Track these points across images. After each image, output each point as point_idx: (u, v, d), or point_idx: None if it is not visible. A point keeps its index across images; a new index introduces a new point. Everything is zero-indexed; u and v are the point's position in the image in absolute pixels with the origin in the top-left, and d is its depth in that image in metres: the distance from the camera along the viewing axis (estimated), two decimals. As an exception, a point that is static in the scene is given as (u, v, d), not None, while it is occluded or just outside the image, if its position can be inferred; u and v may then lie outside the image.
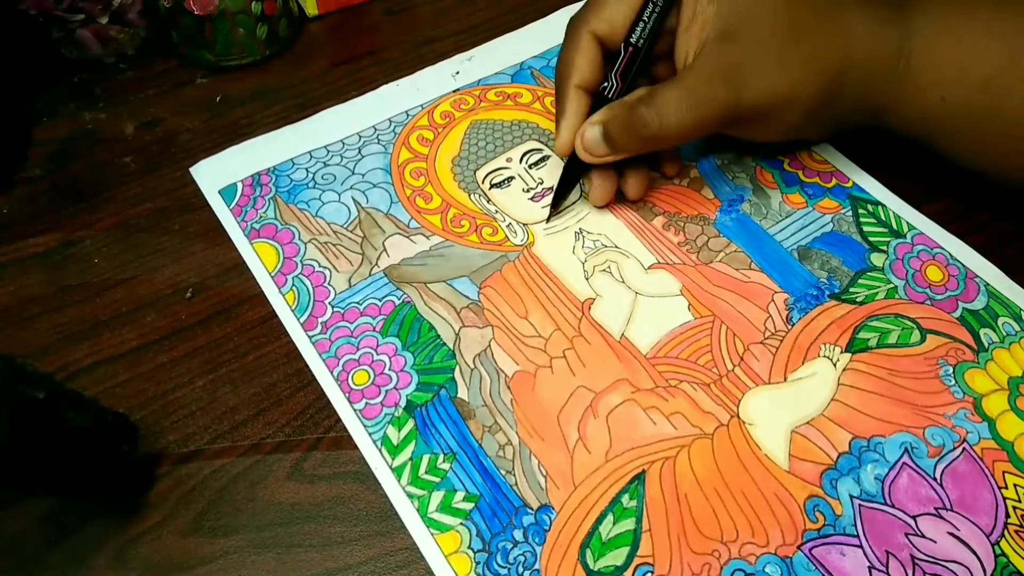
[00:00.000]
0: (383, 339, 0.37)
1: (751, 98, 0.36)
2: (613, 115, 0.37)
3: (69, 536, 0.32)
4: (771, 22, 0.36)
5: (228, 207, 0.42)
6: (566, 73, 0.39)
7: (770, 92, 0.36)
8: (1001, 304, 0.38)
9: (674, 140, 0.38)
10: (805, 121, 0.38)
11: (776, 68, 0.36)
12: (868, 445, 0.33)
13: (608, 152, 0.38)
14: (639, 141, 0.37)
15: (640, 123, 0.37)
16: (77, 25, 0.46)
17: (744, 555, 0.31)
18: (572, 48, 0.39)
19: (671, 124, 0.36)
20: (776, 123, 0.38)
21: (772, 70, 0.36)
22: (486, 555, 0.31)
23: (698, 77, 0.36)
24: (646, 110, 0.36)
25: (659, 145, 0.38)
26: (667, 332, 0.37)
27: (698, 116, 0.36)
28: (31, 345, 0.37)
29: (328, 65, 0.50)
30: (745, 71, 0.36)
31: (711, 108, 0.36)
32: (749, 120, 0.38)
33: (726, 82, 0.36)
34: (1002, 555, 0.31)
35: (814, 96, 0.37)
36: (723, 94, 0.36)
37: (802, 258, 0.39)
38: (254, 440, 0.34)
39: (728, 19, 0.36)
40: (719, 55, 0.36)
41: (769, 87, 0.36)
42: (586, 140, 0.38)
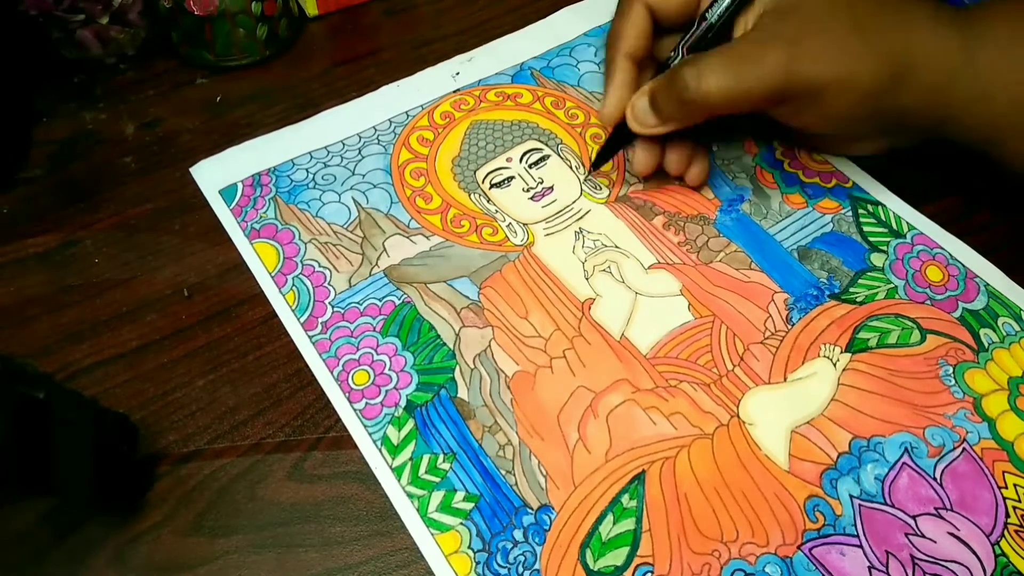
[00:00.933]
0: (383, 339, 0.37)
1: (804, 71, 0.34)
2: (659, 82, 0.37)
3: (69, 536, 0.32)
4: (829, 6, 0.35)
5: (228, 207, 0.42)
6: (614, 41, 0.39)
7: (825, 69, 0.34)
8: (1001, 304, 0.38)
9: (717, 106, 0.36)
10: (859, 111, 0.36)
11: (833, 47, 0.34)
12: (868, 445, 0.33)
13: (657, 122, 0.37)
14: (681, 106, 0.36)
15: (681, 85, 0.35)
16: (77, 25, 0.46)
17: (744, 555, 0.31)
18: (623, 17, 0.39)
19: (711, 87, 0.35)
20: (829, 106, 0.35)
21: (828, 48, 0.34)
22: (486, 555, 0.31)
23: (750, 44, 0.35)
24: (688, 72, 0.35)
25: (705, 112, 0.36)
26: (667, 332, 0.37)
27: (742, 82, 0.35)
28: (31, 345, 0.37)
29: (328, 65, 0.50)
30: (802, 43, 0.34)
31: (759, 74, 0.35)
32: (799, 98, 0.35)
33: (777, 51, 0.34)
34: (1002, 555, 0.31)
35: (871, 82, 0.35)
36: (772, 61, 0.34)
37: (802, 258, 0.39)
38: (254, 440, 0.34)
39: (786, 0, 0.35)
40: (773, 27, 0.35)
41: (824, 63, 0.34)
42: (636, 109, 0.38)
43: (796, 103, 0.36)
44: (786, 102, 0.36)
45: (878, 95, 0.35)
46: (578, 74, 0.48)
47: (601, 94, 0.47)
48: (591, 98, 0.47)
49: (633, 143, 0.41)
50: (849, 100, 0.35)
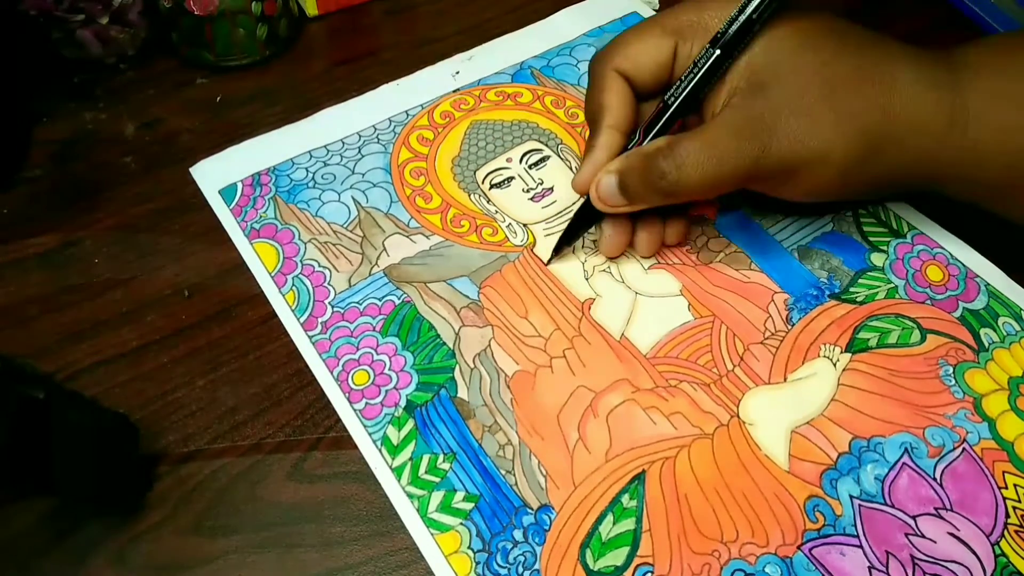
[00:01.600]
0: (383, 339, 0.37)
1: (778, 154, 0.34)
2: (630, 164, 0.35)
3: (69, 536, 0.32)
4: (805, 77, 0.34)
5: (228, 207, 0.42)
6: (597, 113, 0.37)
7: (799, 149, 0.34)
8: (1001, 304, 0.38)
9: (693, 194, 0.35)
10: (837, 182, 0.35)
11: (806, 125, 0.33)
12: (868, 445, 0.33)
13: (623, 202, 0.36)
14: (656, 193, 0.35)
15: (658, 174, 0.34)
16: (77, 25, 0.46)
17: (744, 555, 0.31)
18: (599, 88, 0.37)
19: (691, 178, 0.34)
20: (805, 182, 0.35)
21: (801, 126, 0.33)
22: (486, 555, 0.31)
23: (722, 130, 0.34)
24: (665, 162, 0.34)
25: (677, 199, 0.36)
26: (667, 332, 0.37)
27: (720, 171, 0.34)
28: (31, 345, 0.37)
29: (328, 65, 0.50)
30: (772, 126, 0.34)
31: (734, 163, 0.34)
32: (774, 177, 0.35)
33: (752, 136, 0.34)
34: (1002, 555, 0.31)
35: (845, 157, 0.34)
36: (747, 149, 0.34)
37: (802, 258, 0.39)
38: (254, 440, 0.34)
39: (759, 72, 0.34)
40: (746, 108, 0.34)
41: (798, 144, 0.33)
42: (601, 188, 0.36)
43: (772, 181, 0.35)
44: (762, 182, 0.35)
45: (854, 167, 0.34)
46: (578, 73, 0.48)
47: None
48: (591, 98, 0.47)
49: (600, 222, 0.38)
50: (824, 176, 0.34)
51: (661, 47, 0.37)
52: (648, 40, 0.37)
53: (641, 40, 0.37)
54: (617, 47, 0.37)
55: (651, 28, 0.37)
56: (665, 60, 0.37)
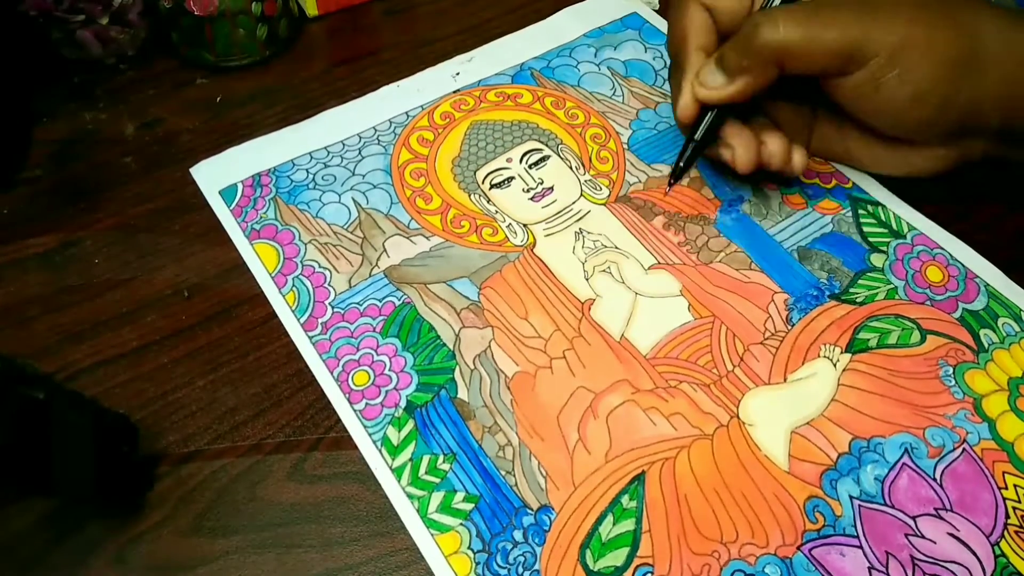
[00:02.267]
0: (383, 340, 0.37)
1: (882, 29, 0.34)
2: (728, 42, 0.36)
3: (69, 536, 0.32)
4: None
5: (228, 207, 0.42)
6: (683, 40, 0.38)
7: (903, 31, 0.34)
8: (1001, 304, 0.38)
9: (789, 55, 0.34)
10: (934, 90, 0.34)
11: (912, 14, 0.34)
12: (868, 445, 0.33)
13: (723, 81, 0.36)
14: (755, 57, 0.35)
15: (754, 31, 0.34)
16: (77, 26, 0.46)
17: (744, 556, 0.31)
18: (684, 17, 0.38)
19: (786, 34, 0.34)
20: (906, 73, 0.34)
21: (908, 16, 0.34)
22: (486, 555, 0.31)
23: (822, 3, 0.34)
24: (762, 18, 0.34)
25: (773, 62, 0.35)
26: (667, 332, 0.37)
27: (818, 32, 0.34)
28: (31, 345, 0.37)
29: (328, 65, 0.50)
30: (879, 8, 0.34)
31: (835, 27, 0.34)
32: (874, 59, 0.34)
33: (854, 10, 0.34)
34: (1002, 555, 0.31)
35: (949, 48, 0.34)
36: (850, 16, 0.34)
37: (802, 258, 0.39)
38: (254, 440, 0.34)
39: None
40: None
41: (903, 27, 0.34)
42: (701, 76, 0.36)
43: (870, 68, 0.34)
44: (860, 64, 0.35)
45: (952, 73, 0.34)
46: (578, 74, 0.48)
47: (601, 94, 0.47)
48: (591, 98, 0.47)
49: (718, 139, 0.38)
50: (929, 65, 0.34)
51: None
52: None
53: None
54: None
55: None
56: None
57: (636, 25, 0.51)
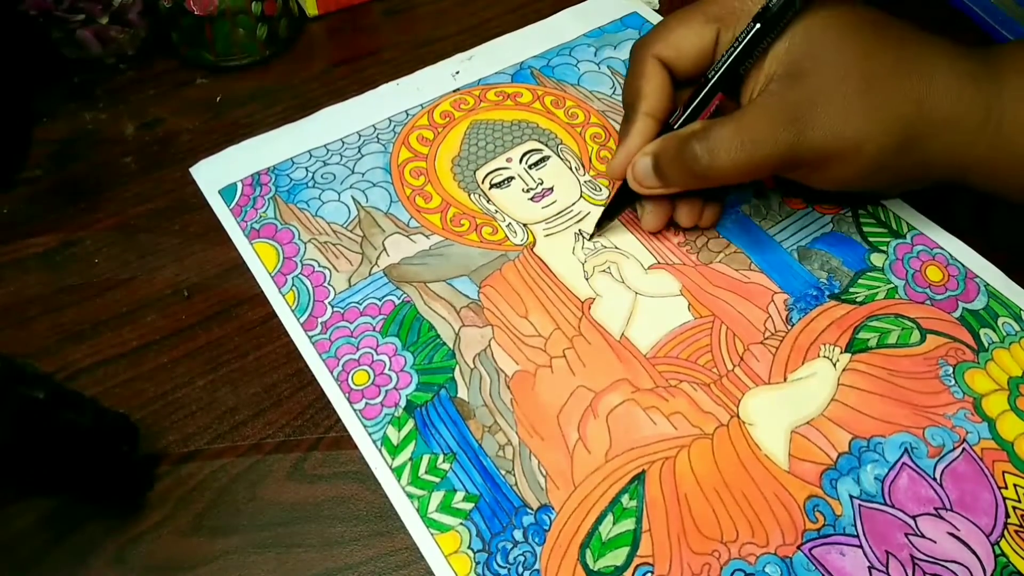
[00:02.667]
0: (383, 339, 0.37)
1: (812, 142, 0.34)
2: (664, 147, 0.36)
3: (69, 536, 0.32)
4: (843, 66, 0.34)
5: (228, 207, 0.42)
6: (633, 99, 0.38)
7: (833, 138, 0.34)
8: (1001, 304, 0.38)
9: (726, 179, 0.35)
10: (871, 173, 0.35)
11: (842, 113, 0.33)
12: (868, 445, 0.33)
13: (658, 184, 0.36)
14: (689, 177, 0.35)
15: (691, 158, 0.34)
16: (77, 25, 0.46)
17: (744, 555, 0.31)
18: (637, 74, 0.38)
19: (723, 162, 0.34)
20: (838, 171, 0.35)
21: (838, 116, 0.33)
22: (486, 555, 0.31)
23: (757, 115, 0.34)
24: (698, 145, 0.34)
25: (710, 183, 0.36)
26: (667, 332, 0.37)
27: (753, 156, 0.34)
28: (31, 345, 0.37)
29: (328, 65, 0.50)
30: (808, 113, 0.33)
31: (768, 148, 0.34)
32: (808, 165, 0.35)
33: (787, 123, 0.34)
34: (1002, 555, 0.31)
35: (881, 148, 0.34)
36: (782, 135, 0.34)
37: (802, 258, 0.39)
38: (254, 440, 0.34)
39: (798, 58, 0.34)
40: (783, 94, 0.34)
41: (833, 132, 0.33)
42: (637, 170, 0.37)
43: (806, 169, 0.35)
44: (795, 169, 0.36)
45: (888, 159, 0.34)
46: (578, 73, 0.48)
47: (601, 94, 0.47)
48: (591, 97, 0.47)
49: (640, 200, 0.39)
50: (858, 166, 0.35)
51: (703, 34, 0.37)
52: (691, 27, 0.37)
53: (683, 26, 0.37)
54: (659, 33, 0.38)
55: (693, 15, 0.37)
56: (707, 47, 0.37)
57: (636, 24, 0.51)
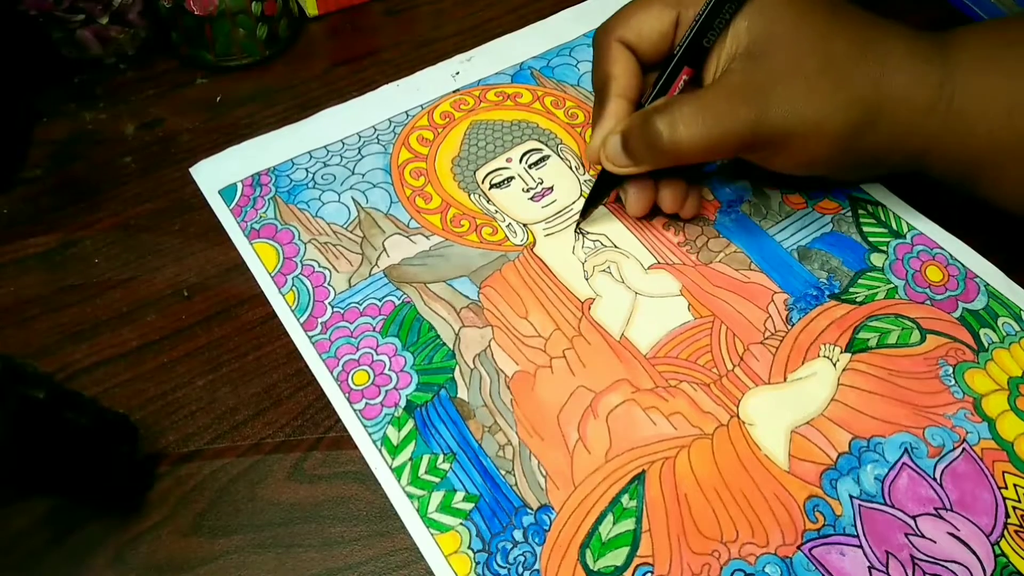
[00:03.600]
0: (383, 339, 0.37)
1: (772, 121, 0.34)
2: (631, 124, 0.36)
3: (69, 536, 0.32)
4: (803, 47, 0.34)
5: (228, 207, 0.42)
6: (603, 83, 0.38)
7: (794, 117, 0.34)
8: (1001, 304, 0.38)
9: (688, 156, 0.35)
10: (831, 154, 0.36)
11: (803, 93, 0.34)
12: (868, 445, 0.33)
13: (628, 163, 0.36)
14: (654, 153, 0.36)
15: (653, 133, 0.35)
16: (77, 26, 0.46)
17: (744, 555, 0.31)
18: (604, 59, 0.38)
19: (682, 138, 0.34)
20: (799, 152, 0.36)
21: (798, 95, 0.34)
22: (486, 555, 0.31)
23: (718, 93, 0.35)
24: (660, 120, 0.35)
25: (675, 160, 0.36)
26: (667, 332, 0.37)
27: (713, 133, 0.34)
28: (31, 345, 0.37)
29: (328, 65, 0.50)
30: (769, 92, 0.34)
31: (728, 126, 0.34)
32: (769, 145, 0.35)
33: (746, 101, 0.34)
34: (1002, 555, 0.31)
35: (841, 127, 0.34)
36: (742, 113, 0.34)
37: (802, 258, 0.39)
38: (254, 440, 0.34)
39: (758, 38, 0.35)
40: (743, 73, 0.35)
41: (793, 112, 0.34)
42: (608, 149, 0.37)
43: (767, 150, 0.36)
44: (756, 150, 0.36)
45: (848, 139, 0.35)
46: (578, 74, 0.48)
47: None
48: (591, 97, 0.47)
49: (623, 184, 0.39)
50: (818, 146, 0.35)
51: (663, 16, 0.37)
52: (651, 10, 0.37)
53: (643, 10, 0.38)
54: (620, 18, 0.38)
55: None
56: (667, 29, 0.37)
57: (636, 25, 0.51)
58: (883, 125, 0.35)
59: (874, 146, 0.36)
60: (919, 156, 0.36)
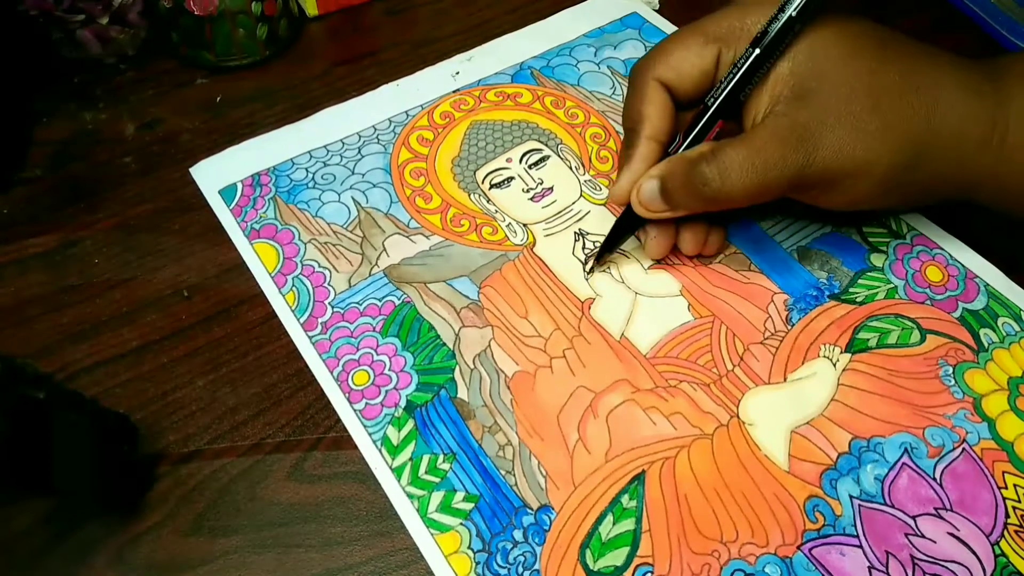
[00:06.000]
0: (383, 339, 0.37)
1: (823, 163, 0.33)
2: (672, 170, 0.35)
3: (69, 536, 0.32)
4: (849, 84, 0.33)
5: (228, 207, 0.42)
6: (635, 122, 0.37)
7: (843, 158, 0.33)
8: (1001, 304, 0.38)
9: (736, 202, 0.34)
10: (879, 191, 0.34)
11: (852, 134, 0.33)
12: (868, 445, 0.33)
13: (665, 208, 0.35)
14: (698, 200, 0.35)
15: (700, 181, 0.34)
16: (77, 26, 0.46)
17: (744, 555, 0.31)
18: (638, 96, 0.37)
19: (734, 185, 0.33)
20: (848, 191, 0.34)
21: (848, 136, 0.33)
22: (486, 555, 0.31)
23: (767, 137, 0.34)
24: (708, 168, 0.34)
25: (719, 206, 0.35)
26: (667, 332, 0.37)
27: (764, 179, 0.33)
28: (31, 345, 0.37)
29: (328, 65, 0.50)
30: (817, 134, 0.33)
31: (778, 171, 0.33)
32: (818, 186, 0.34)
33: (796, 145, 0.33)
34: (1002, 555, 0.31)
35: (890, 166, 0.33)
36: (792, 157, 0.33)
37: (802, 258, 0.39)
38: (254, 440, 0.34)
39: (803, 78, 0.34)
40: (791, 115, 0.34)
41: (842, 153, 0.33)
42: (643, 194, 0.35)
43: (815, 190, 0.35)
44: (805, 191, 0.35)
45: (898, 178, 0.34)
46: (578, 74, 0.48)
47: (601, 94, 0.47)
48: (591, 97, 0.47)
49: (643, 227, 0.38)
50: (868, 183, 0.34)
51: (704, 55, 0.36)
52: (691, 48, 0.36)
53: (683, 48, 0.36)
54: (658, 55, 0.37)
55: (693, 35, 0.36)
56: (708, 68, 0.36)
57: (636, 24, 0.51)
58: (933, 161, 0.34)
59: (924, 182, 0.35)
60: (971, 189, 0.35)
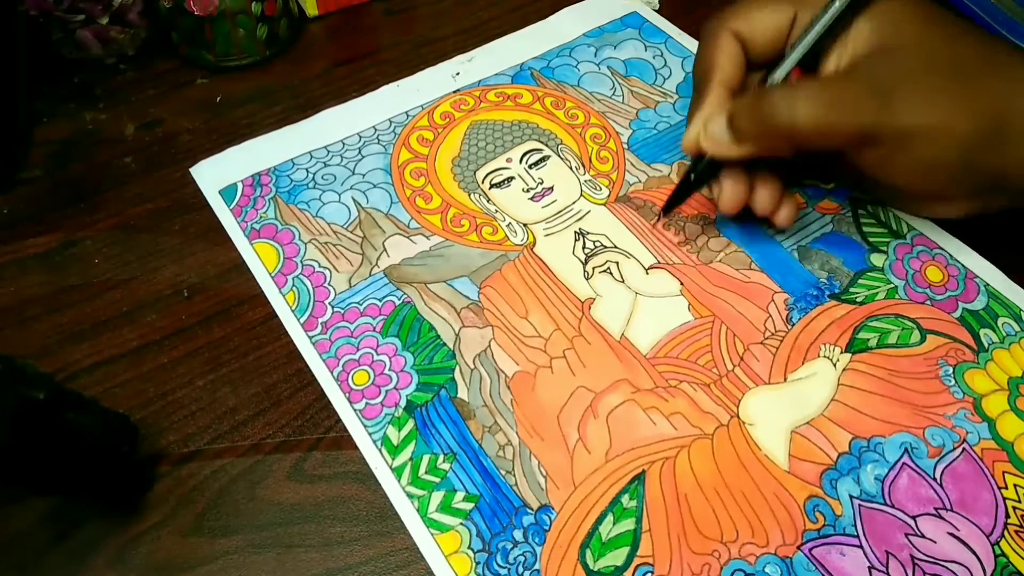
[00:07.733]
0: (383, 339, 0.37)
1: (899, 116, 0.32)
2: (742, 103, 0.35)
3: (69, 536, 0.32)
4: (932, 49, 0.33)
5: (228, 207, 0.42)
6: (708, 70, 0.37)
7: (922, 115, 0.32)
8: (1001, 304, 0.38)
9: (803, 138, 0.33)
10: (953, 164, 0.33)
11: (933, 92, 0.32)
12: (868, 445, 0.33)
13: (731, 143, 0.35)
14: (765, 131, 0.34)
15: (769, 109, 0.33)
16: (77, 26, 0.46)
17: (744, 555, 0.31)
18: (714, 47, 0.37)
19: (803, 117, 0.33)
20: (922, 155, 0.33)
21: (929, 93, 0.32)
22: (486, 555, 0.31)
23: (842, 80, 0.34)
24: (779, 95, 0.33)
25: (786, 141, 0.34)
26: (667, 332, 0.37)
27: (834, 118, 0.33)
28: (31, 345, 0.37)
29: (328, 65, 0.50)
30: (896, 88, 0.32)
31: (851, 115, 0.33)
32: (892, 141, 0.33)
33: (874, 93, 0.32)
34: (1002, 555, 0.31)
35: (968, 133, 0.32)
36: (867, 103, 0.32)
37: (802, 258, 0.39)
38: (254, 440, 0.34)
39: (886, 37, 0.33)
40: (870, 69, 0.33)
41: (922, 109, 0.32)
42: (710, 128, 0.35)
43: (886, 148, 0.33)
44: (875, 145, 0.34)
45: (975, 148, 0.33)
46: (578, 74, 0.48)
47: (601, 94, 0.47)
48: (591, 98, 0.47)
49: (717, 177, 0.37)
50: (943, 150, 0.33)
51: (780, 14, 0.36)
52: (767, 5, 0.37)
53: (760, 5, 0.37)
54: (736, 10, 0.37)
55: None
56: (783, 26, 0.37)
57: (636, 24, 0.52)
58: (1011, 144, 0.33)
59: (998, 166, 0.33)
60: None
